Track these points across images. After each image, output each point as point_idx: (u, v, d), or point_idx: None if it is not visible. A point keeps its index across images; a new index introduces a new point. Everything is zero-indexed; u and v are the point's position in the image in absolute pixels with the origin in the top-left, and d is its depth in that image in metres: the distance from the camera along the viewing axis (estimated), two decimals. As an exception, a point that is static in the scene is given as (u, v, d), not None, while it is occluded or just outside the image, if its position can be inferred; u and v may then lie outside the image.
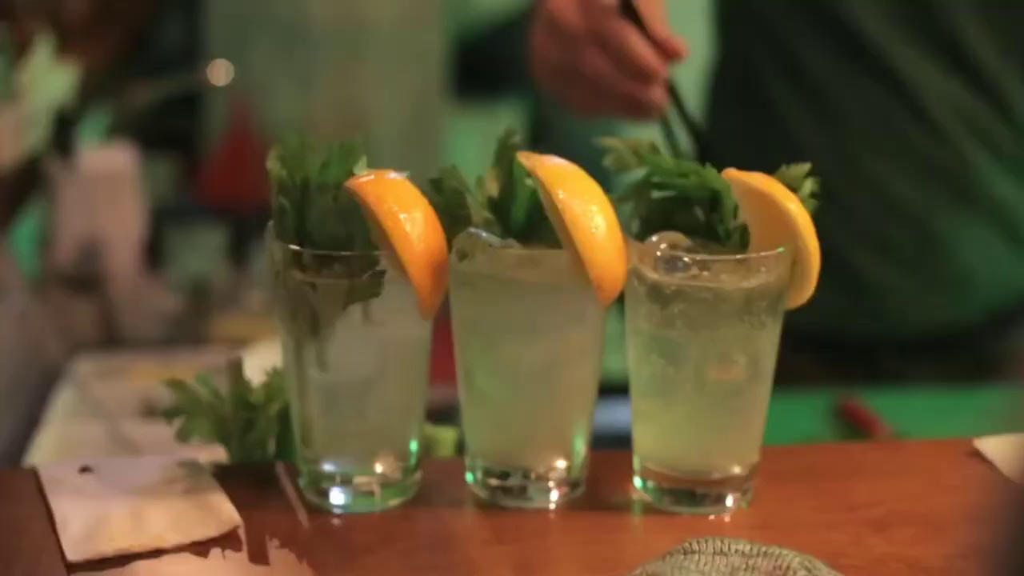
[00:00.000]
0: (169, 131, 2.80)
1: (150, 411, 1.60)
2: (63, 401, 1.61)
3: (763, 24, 1.54)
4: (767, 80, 1.54)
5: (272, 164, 0.89)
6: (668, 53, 1.13)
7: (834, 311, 1.53)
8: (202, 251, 2.19)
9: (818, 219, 0.89)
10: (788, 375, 0.95)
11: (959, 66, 1.49)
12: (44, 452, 1.47)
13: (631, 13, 1.12)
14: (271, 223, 0.90)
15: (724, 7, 1.60)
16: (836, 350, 1.56)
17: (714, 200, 0.90)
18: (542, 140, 3.30)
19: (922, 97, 1.49)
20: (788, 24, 1.51)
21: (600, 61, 1.14)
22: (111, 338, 1.86)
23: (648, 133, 1.06)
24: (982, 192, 1.52)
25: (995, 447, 0.99)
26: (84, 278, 1.91)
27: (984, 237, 1.53)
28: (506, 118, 3.23)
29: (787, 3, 1.51)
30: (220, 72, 2.55)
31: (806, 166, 0.91)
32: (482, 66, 3.28)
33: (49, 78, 2.12)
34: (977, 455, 0.99)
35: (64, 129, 2.03)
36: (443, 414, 1.42)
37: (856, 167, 1.50)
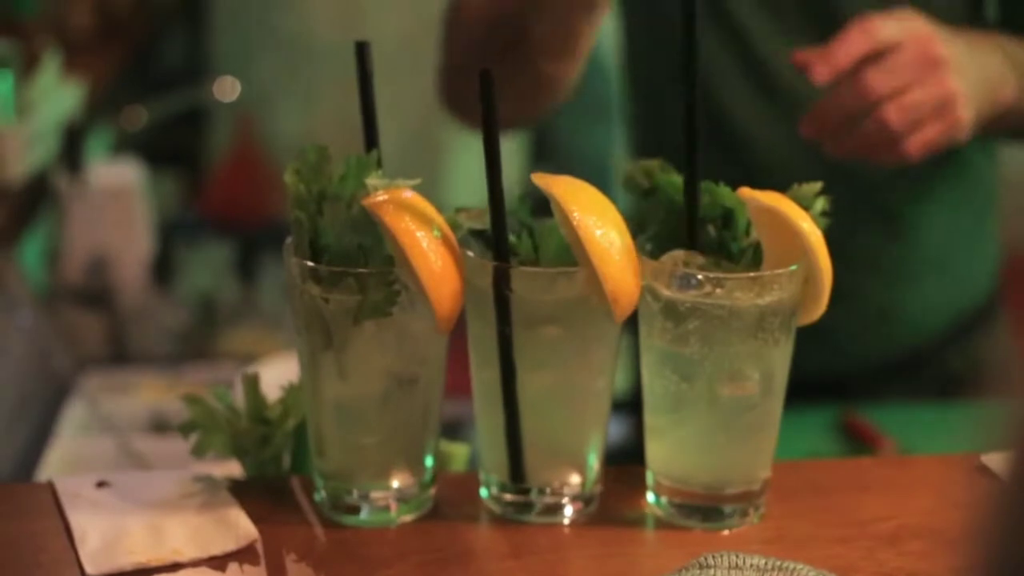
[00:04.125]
0: (174, 147, 2.81)
1: (159, 425, 1.61)
2: (72, 416, 1.61)
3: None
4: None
5: (289, 177, 0.90)
6: None
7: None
8: (209, 266, 2.20)
9: None
10: (789, 391, 0.96)
11: None
12: (54, 466, 1.48)
13: None
14: (289, 238, 0.91)
15: (639, 53, 1.53)
16: (806, 390, 1.53)
17: (726, 218, 0.91)
18: (544, 158, 3.31)
19: None
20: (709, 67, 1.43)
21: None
22: (119, 353, 1.87)
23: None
24: (910, 219, 1.48)
25: (1002, 461, 0.99)
26: (92, 293, 1.91)
27: (921, 261, 1.51)
28: (508, 135, 3.24)
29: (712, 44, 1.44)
30: (226, 88, 2.56)
31: (818, 184, 0.92)
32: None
33: (57, 95, 2.13)
34: (984, 470, 1.00)
35: (72, 145, 2.04)
36: (453, 429, 1.43)
37: None
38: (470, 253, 0.90)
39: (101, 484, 0.95)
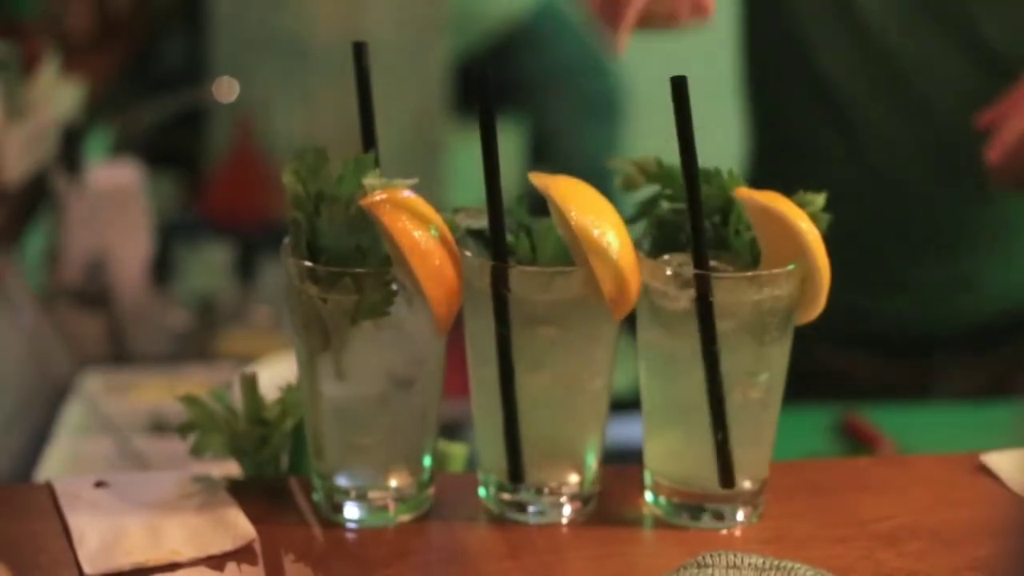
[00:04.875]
0: (174, 148, 2.81)
1: (158, 426, 1.61)
2: (71, 416, 1.61)
3: (789, 35, 1.56)
4: (790, 94, 1.56)
5: (287, 178, 0.90)
6: None
7: (884, 311, 1.56)
8: (209, 267, 2.20)
9: (844, 224, 0.90)
10: (790, 391, 0.96)
11: (976, 58, 1.51)
12: (53, 467, 1.48)
13: None
14: (287, 238, 0.91)
15: (754, 26, 1.63)
16: (888, 347, 1.59)
17: (725, 210, 0.91)
18: (543, 158, 3.31)
19: (935, 96, 1.52)
20: (810, 30, 1.53)
21: None
22: (119, 353, 1.87)
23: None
24: None
25: (1001, 462, 1.00)
26: (92, 294, 1.91)
27: (1007, 227, 1.58)
28: (507, 135, 3.25)
29: (812, 9, 1.54)
30: (225, 89, 2.56)
31: (822, 196, 0.92)
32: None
33: (56, 95, 2.13)
34: (983, 470, 1.00)
35: (71, 145, 2.04)
36: (452, 429, 1.43)
37: (876, 171, 1.53)
38: (468, 253, 0.90)
39: (100, 484, 0.95)
